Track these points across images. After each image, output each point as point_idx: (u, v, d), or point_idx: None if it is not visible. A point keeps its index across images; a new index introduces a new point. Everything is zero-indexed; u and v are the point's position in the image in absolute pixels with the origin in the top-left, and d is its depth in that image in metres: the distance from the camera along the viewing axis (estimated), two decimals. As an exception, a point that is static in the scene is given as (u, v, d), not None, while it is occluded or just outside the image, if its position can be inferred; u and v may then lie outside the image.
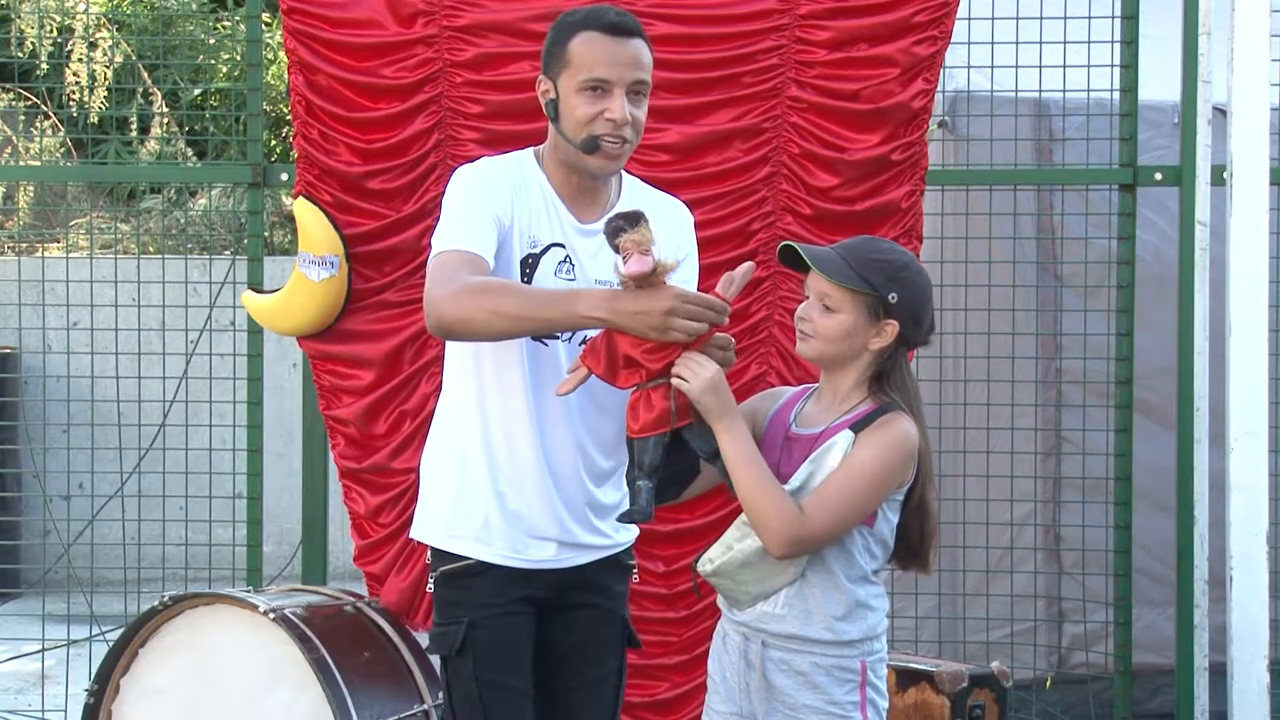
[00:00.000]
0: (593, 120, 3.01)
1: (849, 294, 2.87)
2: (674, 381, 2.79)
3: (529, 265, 3.05)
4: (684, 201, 3.51)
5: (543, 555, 3.10)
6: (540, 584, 3.11)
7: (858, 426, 2.86)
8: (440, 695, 3.77)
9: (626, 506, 3.15)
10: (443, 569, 3.12)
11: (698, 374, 2.78)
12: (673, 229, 3.16)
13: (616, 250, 2.78)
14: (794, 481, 2.85)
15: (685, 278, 3.12)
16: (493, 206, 3.03)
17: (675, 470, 2.88)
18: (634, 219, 2.78)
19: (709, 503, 4.19)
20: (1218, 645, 4.60)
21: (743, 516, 2.89)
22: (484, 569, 3.08)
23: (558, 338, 3.06)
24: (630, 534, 3.25)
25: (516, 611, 3.09)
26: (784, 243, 2.99)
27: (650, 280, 2.76)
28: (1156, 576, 5.30)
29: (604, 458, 3.14)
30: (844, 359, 2.91)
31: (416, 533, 3.20)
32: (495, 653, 3.07)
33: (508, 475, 3.07)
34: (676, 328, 2.74)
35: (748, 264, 2.88)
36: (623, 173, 3.22)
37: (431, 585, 3.14)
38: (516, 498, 3.07)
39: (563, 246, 3.08)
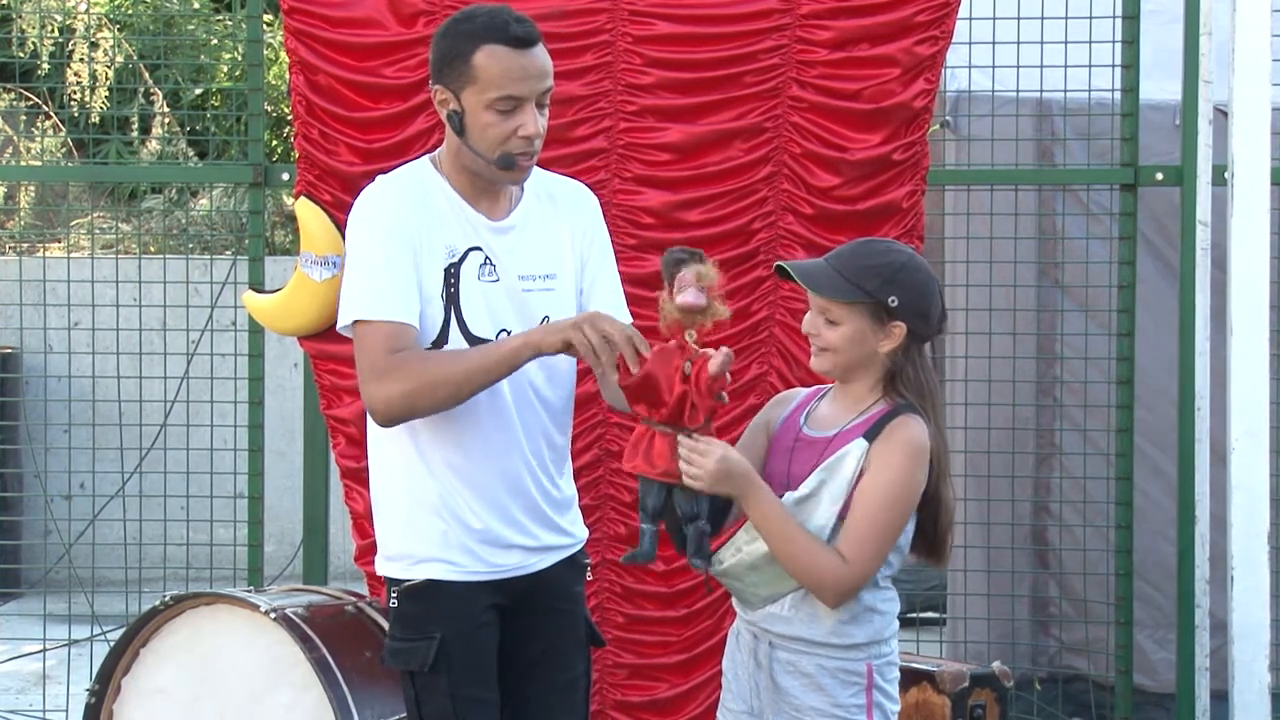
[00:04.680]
0: (507, 139, 2.96)
1: (848, 305, 2.87)
2: (685, 480, 2.76)
3: (452, 273, 3.01)
4: (685, 200, 3.53)
5: (508, 562, 3.06)
6: (506, 592, 3.07)
7: (871, 433, 2.85)
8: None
9: (576, 498, 3.20)
10: (407, 584, 3.05)
11: (703, 466, 2.75)
12: (585, 211, 3.18)
13: (671, 281, 2.73)
14: (804, 489, 2.84)
15: (608, 262, 3.18)
16: (408, 239, 2.98)
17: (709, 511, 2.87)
18: (698, 255, 2.75)
19: (709, 503, 4.18)
20: (1215, 673, 4.60)
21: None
22: (450, 584, 3.03)
23: (491, 341, 3.01)
24: (583, 531, 3.22)
25: (485, 623, 3.05)
26: (777, 263, 2.98)
27: (699, 318, 2.72)
28: (1144, 597, 5.29)
29: (550, 448, 3.10)
30: (857, 366, 2.90)
31: (380, 568, 3.13)
32: (468, 667, 3.03)
33: (457, 489, 3.01)
34: (584, 334, 2.78)
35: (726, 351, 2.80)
36: None
37: (394, 600, 3.07)
38: (471, 511, 3.02)
39: (480, 249, 3.03)
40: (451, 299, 3.00)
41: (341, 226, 4.20)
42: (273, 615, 3.73)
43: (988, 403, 5.22)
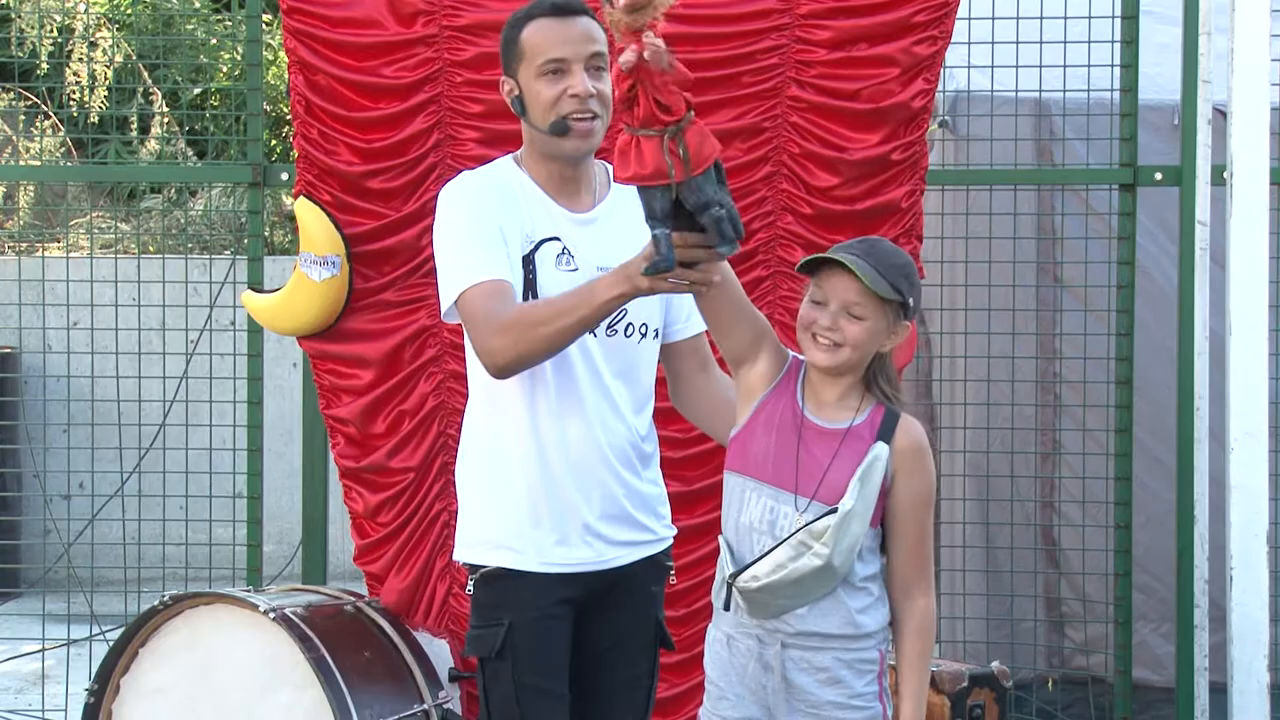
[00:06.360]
0: (557, 101, 3.03)
1: (878, 302, 2.87)
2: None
3: (529, 263, 3.06)
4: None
5: (582, 557, 3.10)
6: (580, 585, 3.10)
7: (885, 436, 2.89)
8: (440, 694, 3.78)
9: (664, 496, 3.20)
10: (482, 571, 3.11)
11: None
12: None
13: None
14: (846, 503, 2.84)
15: None
16: (493, 218, 3.04)
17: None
18: None
19: (706, 503, 4.18)
20: (1217, 667, 4.60)
21: (799, 535, 2.86)
22: (523, 573, 3.08)
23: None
24: (669, 531, 3.25)
25: (556, 615, 3.09)
26: (811, 256, 2.93)
27: (645, 13, 2.63)
28: (1148, 591, 5.30)
29: (632, 445, 3.13)
30: (860, 364, 2.92)
31: (457, 554, 3.20)
32: (534, 655, 3.07)
33: (540, 479, 3.06)
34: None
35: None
36: (608, 165, 3.21)
37: (470, 587, 3.13)
38: (550, 502, 3.07)
39: (558, 239, 3.08)
40: (529, 285, 3.05)
41: (341, 227, 4.22)
42: (272, 615, 3.73)
43: (987, 403, 5.22)
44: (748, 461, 2.94)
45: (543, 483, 3.06)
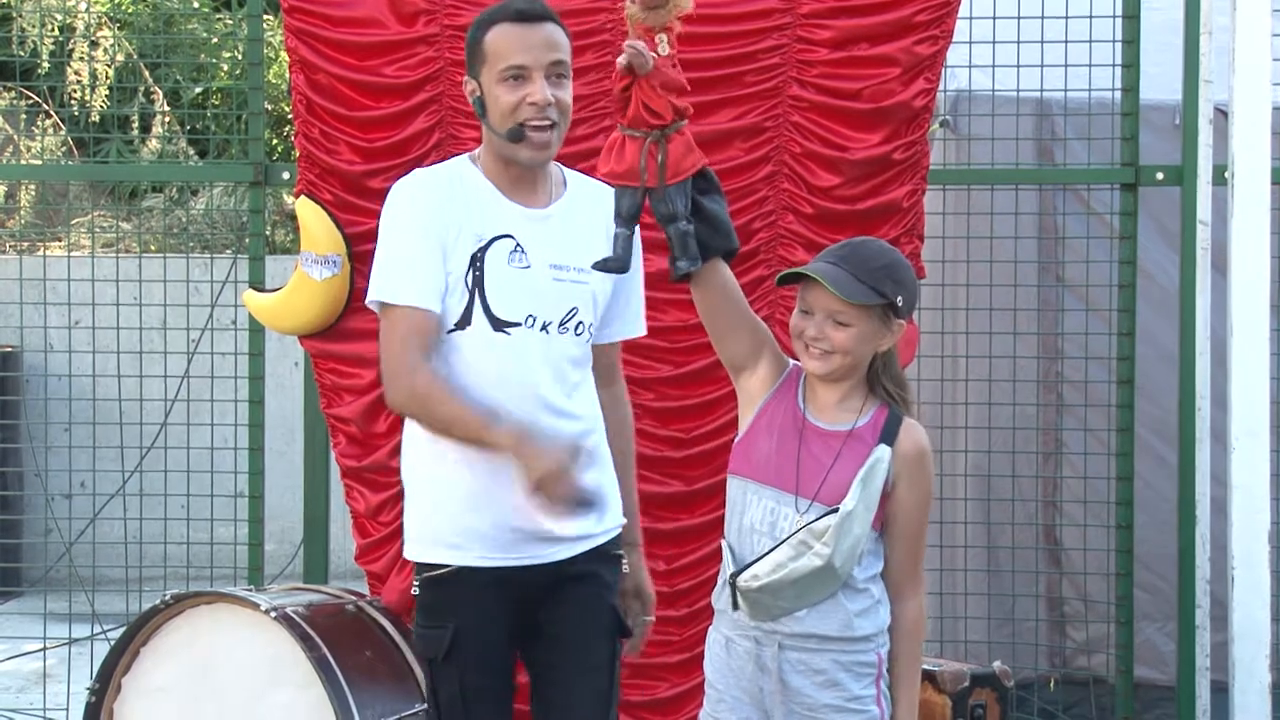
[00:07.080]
0: (516, 108, 3.05)
1: (861, 307, 2.88)
2: None
3: (477, 260, 3.07)
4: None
5: (525, 553, 3.09)
6: (525, 582, 3.10)
7: (887, 438, 2.89)
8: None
9: (605, 491, 3.17)
10: (426, 575, 3.12)
11: None
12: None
13: None
14: (848, 504, 2.86)
15: (638, 272, 3.24)
16: (434, 232, 3.05)
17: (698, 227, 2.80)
18: None
19: (708, 502, 4.19)
20: (1219, 665, 4.60)
21: (800, 535, 2.87)
22: (467, 572, 3.08)
23: (519, 325, 3.07)
24: (615, 521, 3.24)
25: (501, 613, 3.10)
26: (784, 272, 2.99)
27: (661, 13, 2.66)
28: (1152, 590, 5.29)
29: (580, 439, 3.10)
30: (857, 367, 2.92)
31: (406, 551, 3.22)
32: (480, 657, 3.09)
33: (481, 475, 3.04)
34: (546, 488, 2.83)
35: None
36: (564, 168, 3.25)
37: (416, 588, 3.14)
38: (492, 498, 3.05)
39: (511, 236, 3.09)
40: (476, 282, 3.06)
41: (342, 226, 4.22)
42: (273, 614, 3.73)
43: (988, 402, 5.22)
44: (750, 465, 2.95)
45: (484, 477, 3.04)
